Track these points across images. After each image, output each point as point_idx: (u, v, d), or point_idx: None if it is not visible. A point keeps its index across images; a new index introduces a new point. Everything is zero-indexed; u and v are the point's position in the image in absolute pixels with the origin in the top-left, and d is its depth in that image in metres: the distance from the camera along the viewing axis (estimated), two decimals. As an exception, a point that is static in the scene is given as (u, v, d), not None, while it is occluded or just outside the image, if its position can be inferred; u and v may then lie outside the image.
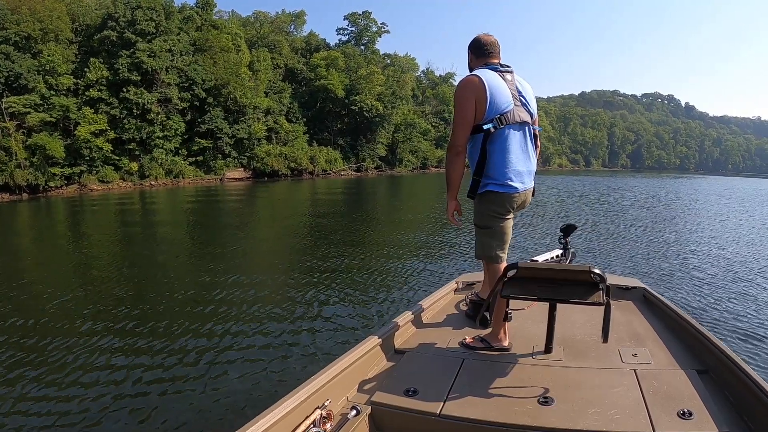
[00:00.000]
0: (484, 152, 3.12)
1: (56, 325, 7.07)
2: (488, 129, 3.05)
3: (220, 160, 49.24)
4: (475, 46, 3.30)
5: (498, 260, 3.31)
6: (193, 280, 9.73)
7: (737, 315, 7.40)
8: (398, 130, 68.54)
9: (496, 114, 3.04)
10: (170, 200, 30.85)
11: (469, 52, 3.34)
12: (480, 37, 3.29)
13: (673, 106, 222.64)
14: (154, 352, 6.06)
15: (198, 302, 8.07)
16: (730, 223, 19.14)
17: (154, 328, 6.89)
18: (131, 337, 6.55)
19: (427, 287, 8.48)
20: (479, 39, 3.29)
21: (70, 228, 19.24)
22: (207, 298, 8.23)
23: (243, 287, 8.86)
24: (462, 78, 3.18)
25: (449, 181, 3.27)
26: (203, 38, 48.87)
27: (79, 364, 5.70)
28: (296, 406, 2.37)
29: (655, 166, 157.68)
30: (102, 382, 5.27)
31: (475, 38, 3.31)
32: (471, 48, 3.33)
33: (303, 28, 72.87)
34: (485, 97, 3.02)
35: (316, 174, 56.03)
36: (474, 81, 3.05)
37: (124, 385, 5.22)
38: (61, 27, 41.34)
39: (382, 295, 8.37)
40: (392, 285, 9.06)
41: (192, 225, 19.06)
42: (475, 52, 3.30)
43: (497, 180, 3.13)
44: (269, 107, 54.42)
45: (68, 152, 37.85)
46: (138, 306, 7.96)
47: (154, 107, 43.37)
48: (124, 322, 7.15)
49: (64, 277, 10.46)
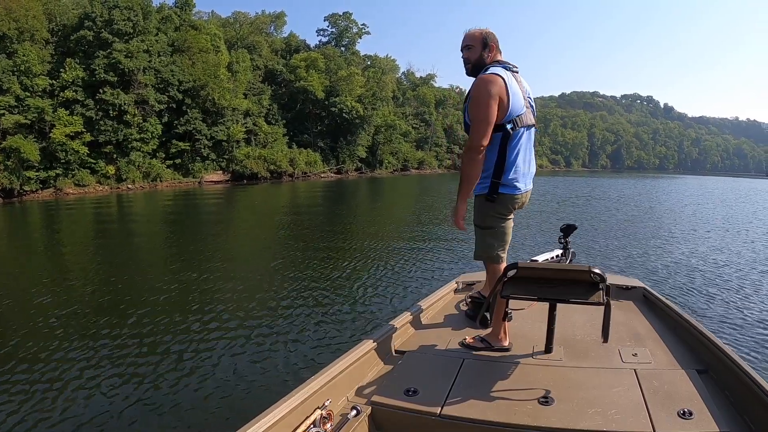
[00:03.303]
0: (503, 153, 3.11)
1: (30, 330, 6.90)
2: (509, 129, 3.05)
3: (199, 163, 48.83)
4: (490, 39, 3.16)
5: (499, 260, 3.31)
6: (179, 283, 9.56)
7: (737, 314, 7.42)
8: (378, 131, 68.55)
9: (514, 116, 3.05)
10: (148, 204, 30.65)
11: (482, 46, 3.15)
12: (492, 32, 3.17)
13: (652, 107, 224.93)
14: (147, 354, 6.01)
15: (187, 305, 7.98)
16: (730, 224, 19.35)
17: (145, 331, 6.80)
18: (123, 340, 6.46)
19: (426, 288, 8.46)
20: (493, 33, 3.17)
21: (46, 232, 19.06)
22: (196, 302, 8.12)
23: (235, 291, 8.77)
24: (483, 74, 3.04)
25: (467, 183, 3.13)
26: (182, 39, 48.45)
27: (62, 370, 5.59)
28: (296, 406, 2.37)
29: (635, 166, 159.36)
30: (95, 386, 5.18)
31: (489, 32, 3.17)
32: (483, 41, 3.15)
33: (283, 29, 72.68)
34: (507, 98, 2.99)
35: (295, 176, 55.82)
36: (500, 79, 2.98)
37: (124, 384, 5.19)
38: (37, 26, 40.57)
39: (382, 296, 8.38)
40: (391, 285, 9.04)
41: (170, 229, 18.87)
42: (488, 47, 3.15)
43: (508, 182, 3.16)
44: (248, 109, 54.13)
45: (43, 155, 37.32)
46: (122, 310, 7.79)
47: (131, 109, 42.85)
48: (109, 328, 7.00)
49: (39, 282, 10.01)
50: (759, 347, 6.08)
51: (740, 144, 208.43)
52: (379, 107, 68.03)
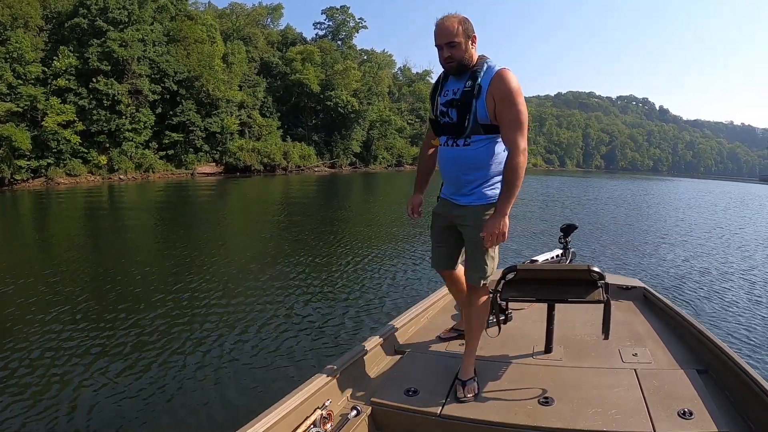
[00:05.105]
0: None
1: (19, 324, 6.74)
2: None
3: (192, 155, 48.57)
4: (471, 28, 2.74)
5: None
6: (171, 276, 9.45)
7: (737, 314, 7.42)
8: (373, 126, 68.52)
9: None
10: (139, 195, 30.48)
11: (466, 39, 2.71)
12: (466, 17, 2.76)
13: (647, 109, 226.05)
14: (146, 350, 5.91)
15: (180, 301, 7.86)
16: (730, 224, 19.49)
17: (137, 327, 6.66)
18: (115, 337, 6.31)
19: (425, 286, 8.45)
20: (468, 18, 2.75)
21: (37, 222, 18.89)
22: (189, 298, 7.99)
23: (229, 287, 8.71)
24: (508, 70, 2.69)
25: (518, 190, 2.71)
26: (177, 29, 48.01)
27: (57, 365, 5.45)
28: (296, 406, 2.39)
29: (629, 167, 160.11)
30: (85, 384, 5.04)
31: (465, 18, 2.74)
32: (466, 32, 2.71)
33: (280, 22, 72.37)
34: None
35: (289, 170, 55.72)
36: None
37: (119, 383, 5.08)
38: (31, 13, 40.13)
39: (381, 296, 8.32)
40: (391, 286, 8.99)
41: (162, 221, 18.69)
42: (471, 38, 2.74)
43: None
44: (243, 101, 53.86)
45: (35, 144, 36.98)
46: (113, 304, 7.62)
47: (125, 98, 42.52)
48: (99, 322, 6.80)
49: (28, 273, 9.72)
50: (759, 347, 6.09)
51: (734, 148, 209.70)
52: (375, 102, 68.01)
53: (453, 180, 2.91)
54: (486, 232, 2.66)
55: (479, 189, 2.81)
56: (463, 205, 2.86)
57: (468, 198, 2.84)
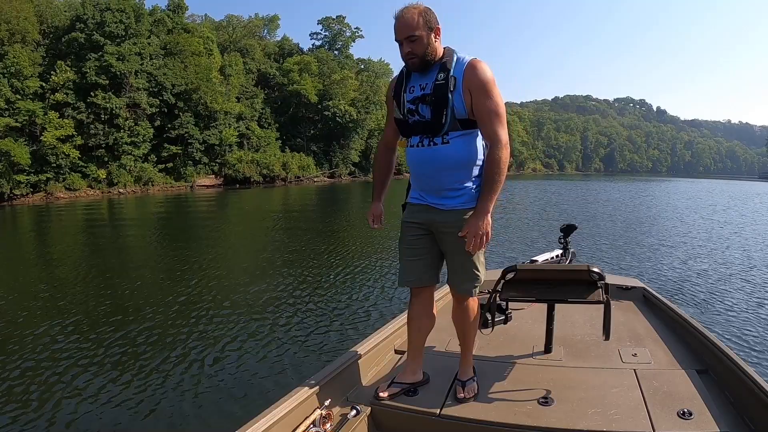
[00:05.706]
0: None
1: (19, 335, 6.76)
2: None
3: (191, 167, 48.66)
4: (433, 19, 2.49)
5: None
6: (172, 287, 9.26)
7: (737, 315, 7.40)
8: (372, 135, 68.42)
9: None
10: (139, 208, 30.46)
11: (428, 32, 2.47)
12: (428, 6, 2.52)
13: (645, 111, 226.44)
14: (146, 351, 5.99)
15: (180, 308, 7.89)
16: (730, 224, 19.43)
17: (138, 333, 6.71)
18: (115, 345, 6.33)
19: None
20: (431, 9, 2.51)
21: (37, 237, 18.89)
22: (189, 305, 8.04)
23: (229, 292, 8.77)
24: (480, 60, 2.49)
25: (501, 186, 2.50)
26: (174, 42, 48.22)
27: (53, 373, 5.45)
28: (296, 406, 2.38)
29: (628, 169, 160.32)
30: (86, 390, 5.06)
31: (427, 8, 2.50)
32: (427, 24, 2.46)
33: (276, 33, 72.86)
34: None
35: (288, 181, 55.79)
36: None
37: (119, 386, 5.11)
38: (28, 28, 40.37)
39: (381, 296, 8.35)
40: (390, 285, 8.99)
41: (162, 234, 18.69)
42: (434, 30, 2.49)
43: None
44: (241, 113, 53.97)
45: (34, 159, 37.06)
46: (113, 315, 7.64)
47: (123, 112, 42.66)
48: (99, 333, 6.83)
49: (28, 287, 9.77)
50: (759, 347, 6.07)
51: (732, 147, 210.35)
52: (373, 111, 67.93)
53: (432, 183, 2.62)
54: (468, 233, 2.44)
55: (466, 190, 2.56)
56: (448, 210, 2.58)
57: (454, 201, 2.57)
